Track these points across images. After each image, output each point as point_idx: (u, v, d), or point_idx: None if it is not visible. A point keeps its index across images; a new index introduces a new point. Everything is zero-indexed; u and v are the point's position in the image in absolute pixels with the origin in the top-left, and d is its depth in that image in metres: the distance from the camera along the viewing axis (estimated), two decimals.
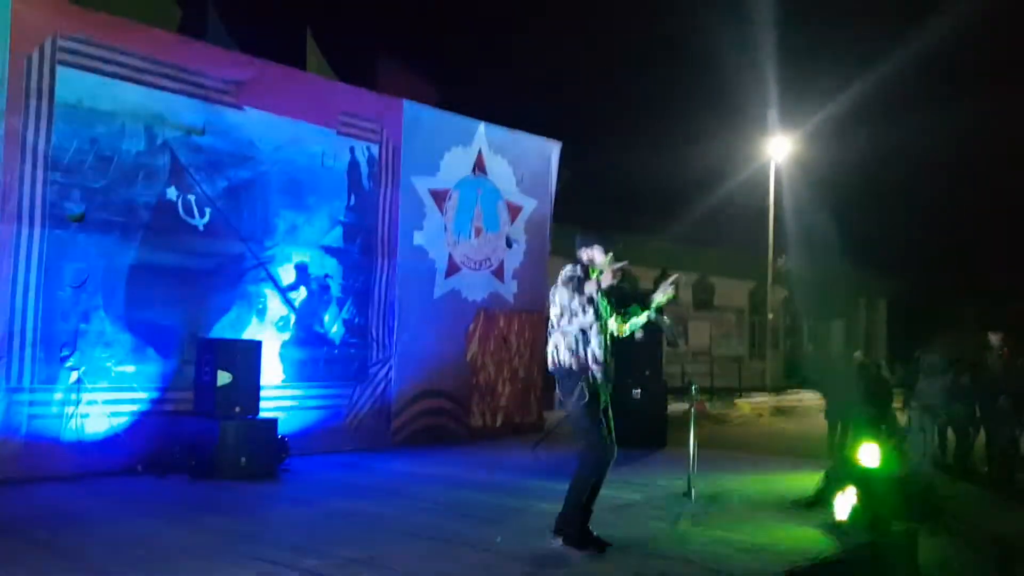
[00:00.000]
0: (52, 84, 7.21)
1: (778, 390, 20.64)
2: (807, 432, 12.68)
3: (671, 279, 5.35)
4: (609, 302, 5.24)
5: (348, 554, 4.81)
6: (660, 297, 5.32)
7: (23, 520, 5.63)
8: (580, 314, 5.08)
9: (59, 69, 7.26)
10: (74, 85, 7.33)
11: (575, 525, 5.02)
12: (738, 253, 25.07)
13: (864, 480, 6.31)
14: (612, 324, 5.25)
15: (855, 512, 6.01)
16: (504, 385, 11.00)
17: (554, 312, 5.15)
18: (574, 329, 5.06)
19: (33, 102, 7.11)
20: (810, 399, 18.15)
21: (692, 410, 6.99)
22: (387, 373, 9.68)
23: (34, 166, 7.13)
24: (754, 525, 6.01)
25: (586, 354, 5.04)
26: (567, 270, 5.18)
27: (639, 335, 8.58)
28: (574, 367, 5.05)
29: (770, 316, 23.87)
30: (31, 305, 7.09)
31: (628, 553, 5.08)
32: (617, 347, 5.40)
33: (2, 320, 6.91)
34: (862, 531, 5.81)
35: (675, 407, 11.07)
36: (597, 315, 5.11)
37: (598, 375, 5.07)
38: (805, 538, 5.68)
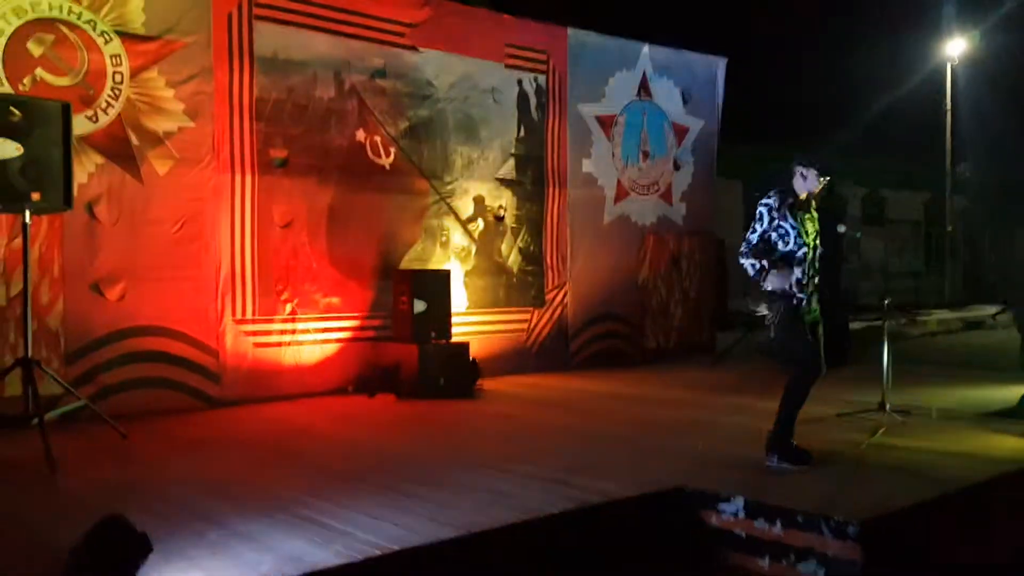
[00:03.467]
0: (251, 39, 7.79)
1: (959, 305, 19.61)
2: (998, 345, 12.09)
3: None
4: (814, 222, 5.22)
5: (559, 462, 5.15)
6: None
7: (265, 434, 6.35)
8: (780, 243, 5.10)
9: (255, 23, 7.82)
10: (270, 38, 7.87)
11: (786, 442, 5.14)
12: (910, 163, 23.65)
13: None
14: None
15: None
16: (676, 307, 11.11)
17: (754, 237, 5.16)
18: (775, 256, 5.09)
19: (236, 57, 7.71)
20: (996, 312, 17.16)
21: (885, 323, 6.90)
22: (563, 298, 10.00)
23: (241, 117, 7.75)
24: (956, 434, 5.95)
25: (790, 281, 5.08)
26: (765, 200, 5.17)
27: (819, 251, 8.37)
28: (777, 292, 5.11)
29: (948, 228, 22.47)
30: (248, 245, 7.80)
31: (832, 463, 5.16)
32: None
33: (225, 259, 7.66)
34: None
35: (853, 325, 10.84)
36: (798, 243, 5.10)
37: (802, 298, 5.12)
38: (1013, 446, 5.59)
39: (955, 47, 22.13)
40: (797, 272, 5.10)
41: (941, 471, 4.94)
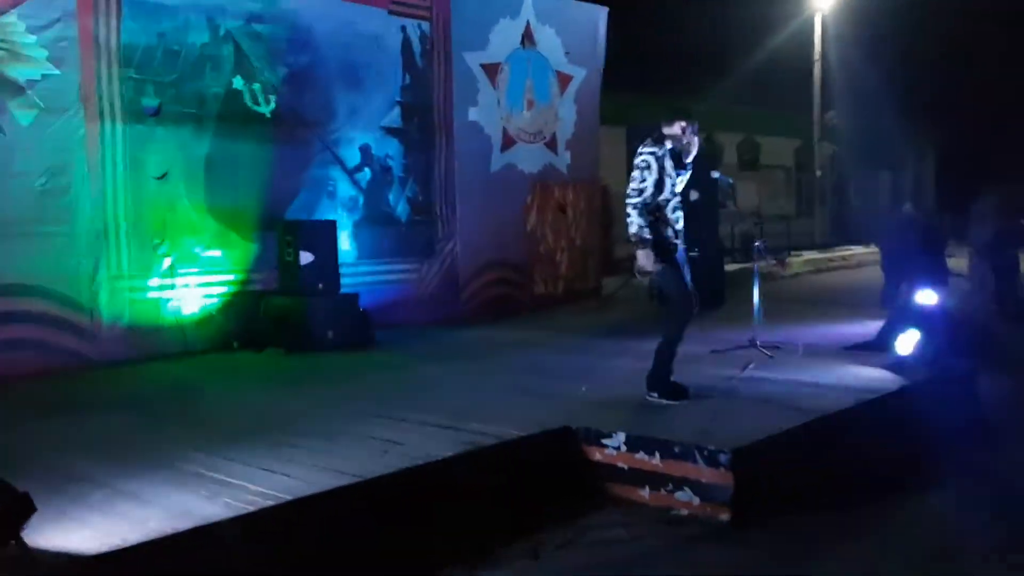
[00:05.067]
0: None
1: (827, 246, 20.74)
2: (861, 284, 12.92)
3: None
4: (685, 170, 5.42)
5: (452, 409, 5.24)
6: None
7: (145, 393, 6.19)
8: (653, 190, 5.29)
9: None
10: None
11: (666, 379, 5.40)
12: (784, 111, 24.61)
13: (925, 321, 6.60)
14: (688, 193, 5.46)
15: (918, 350, 6.33)
16: (563, 254, 11.34)
17: (631, 187, 5.34)
18: (651, 206, 5.29)
19: (101, 1, 7.29)
20: (861, 253, 18.28)
21: (755, 264, 7.27)
22: (453, 247, 10.05)
23: (109, 64, 7.36)
24: (821, 367, 6.37)
25: (662, 229, 5.30)
26: (641, 150, 5.34)
27: (694, 196, 8.73)
28: (648, 238, 5.30)
29: (818, 173, 23.61)
30: (121, 198, 7.47)
31: (706, 397, 5.47)
32: None
33: (97, 213, 7.32)
34: (925, 368, 6.14)
35: (729, 267, 11.36)
36: (672, 192, 5.32)
37: (675, 243, 5.35)
38: (871, 376, 6.04)
39: None
40: (671, 219, 5.33)
41: (806, 401, 5.30)
